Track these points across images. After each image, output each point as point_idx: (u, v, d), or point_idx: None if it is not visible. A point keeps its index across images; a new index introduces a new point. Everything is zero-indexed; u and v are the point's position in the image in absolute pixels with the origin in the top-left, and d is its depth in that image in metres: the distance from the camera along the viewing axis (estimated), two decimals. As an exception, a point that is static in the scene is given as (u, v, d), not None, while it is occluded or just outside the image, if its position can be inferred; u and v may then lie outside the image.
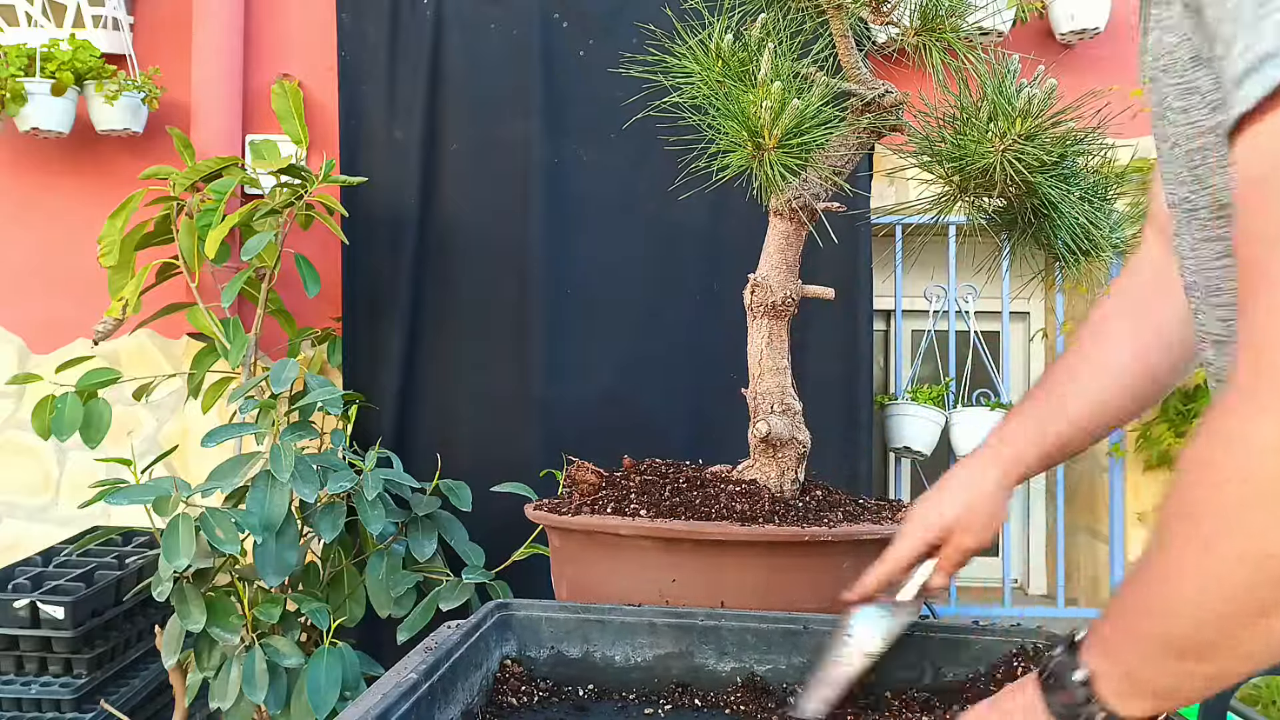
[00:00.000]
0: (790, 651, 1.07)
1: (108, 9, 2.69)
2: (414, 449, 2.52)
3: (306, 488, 1.92)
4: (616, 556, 1.26)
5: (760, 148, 1.23)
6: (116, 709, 2.13)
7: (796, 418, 1.42)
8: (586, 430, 2.45)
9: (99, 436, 2.27)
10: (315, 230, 2.55)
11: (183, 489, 1.88)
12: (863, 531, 1.25)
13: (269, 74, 2.75)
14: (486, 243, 2.59)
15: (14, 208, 2.81)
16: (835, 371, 2.55)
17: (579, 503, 1.35)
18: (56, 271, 2.79)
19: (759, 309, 1.42)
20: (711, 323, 2.51)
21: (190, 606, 1.94)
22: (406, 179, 2.58)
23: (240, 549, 1.85)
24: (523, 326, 2.55)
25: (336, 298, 2.63)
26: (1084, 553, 3.00)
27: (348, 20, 2.62)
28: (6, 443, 2.81)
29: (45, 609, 2.08)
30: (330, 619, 2.03)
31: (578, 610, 1.11)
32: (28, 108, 2.55)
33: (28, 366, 2.78)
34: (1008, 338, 2.84)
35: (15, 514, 2.80)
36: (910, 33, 1.35)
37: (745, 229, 1.88)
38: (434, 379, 2.59)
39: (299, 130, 2.54)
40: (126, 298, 2.35)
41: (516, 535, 2.18)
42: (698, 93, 1.32)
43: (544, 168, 2.55)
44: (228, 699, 1.93)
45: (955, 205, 1.40)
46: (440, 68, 2.59)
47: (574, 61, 2.58)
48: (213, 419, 2.60)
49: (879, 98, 1.36)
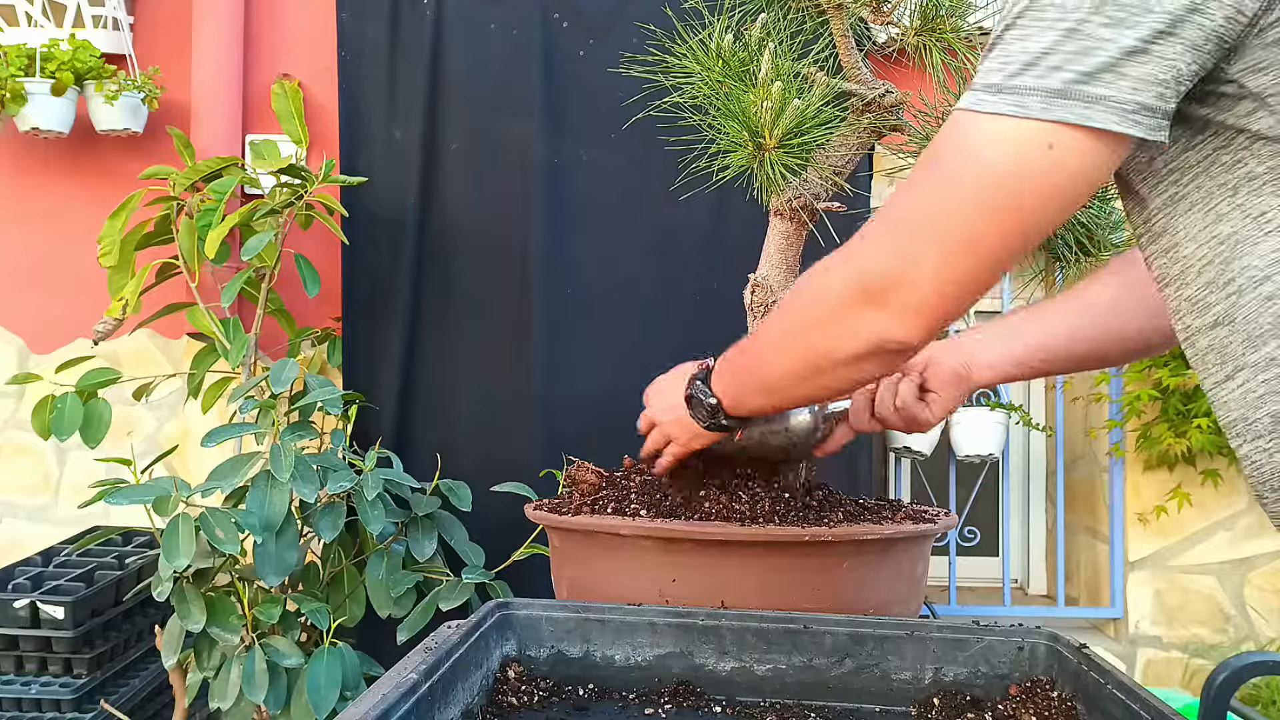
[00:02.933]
0: (790, 651, 1.07)
1: (108, 9, 2.69)
2: (414, 449, 2.52)
3: (306, 488, 1.92)
4: (616, 556, 1.26)
5: (761, 148, 1.23)
6: (116, 709, 2.13)
7: (796, 418, 1.42)
8: (586, 430, 2.45)
9: (99, 436, 2.27)
10: (315, 230, 2.55)
11: (183, 489, 1.88)
12: (863, 531, 1.25)
13: (269, 74, 2.74)
14: (486, 243, 2.59)
15: (14, 208, 2.80)
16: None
17: (579, 503, 1.35)
18: (56, 271, 2.79)
19: (759, 309, 1.42)
20: (711, 323, 2.51)
21: (190, 606, 1.94)
22: (406, 179, 2.58)
23: (240, 549, 1.85)
24: (523, 326, 2.55)
25: (336, 298, 2.63)
26: (1084, 553, 3.00)
27: (348, 20, 2.62)
28: (6, 443, 2.81)
29: (45, 609, 2.08)
30: (330, 619, 2.03)
31: (578, 610, 1.11)
32: (28, 108, 2.55)
33: (28, 366, 2.78)
34: (1008, 338, 2.83)
35: (15, 514, 2.80)
36: (910, 33, 1.35)
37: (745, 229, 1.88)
38: (434, 379, 2.59)
39: (299, 130, 2.54)
40: (126, 298, 2.35)
41: (516, 535, 2.18)
42: (698, 93, 1.32)
43: (544, 168, 2.55)
44: (228, 699, 1.93)
45: (955, 205, 1.40)
46: (440, 68, 2.59)
47: (574, 61, 2.58)
48: (213, 419, 2.60)
49: (879, 98, 1.36)
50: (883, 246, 0.82)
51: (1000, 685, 1.04)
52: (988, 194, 0.74)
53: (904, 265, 0.79)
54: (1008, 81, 0.71)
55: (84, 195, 2.77)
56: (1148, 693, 0.87)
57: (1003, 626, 1.07)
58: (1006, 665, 1.05)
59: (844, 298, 0.85)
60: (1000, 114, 0.71)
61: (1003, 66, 0.72)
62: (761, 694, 1.06)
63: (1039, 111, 0.70)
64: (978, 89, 0.74)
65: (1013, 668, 1.05)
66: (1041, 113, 0.70)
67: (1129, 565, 2.82)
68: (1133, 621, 2.81)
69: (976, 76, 0.74)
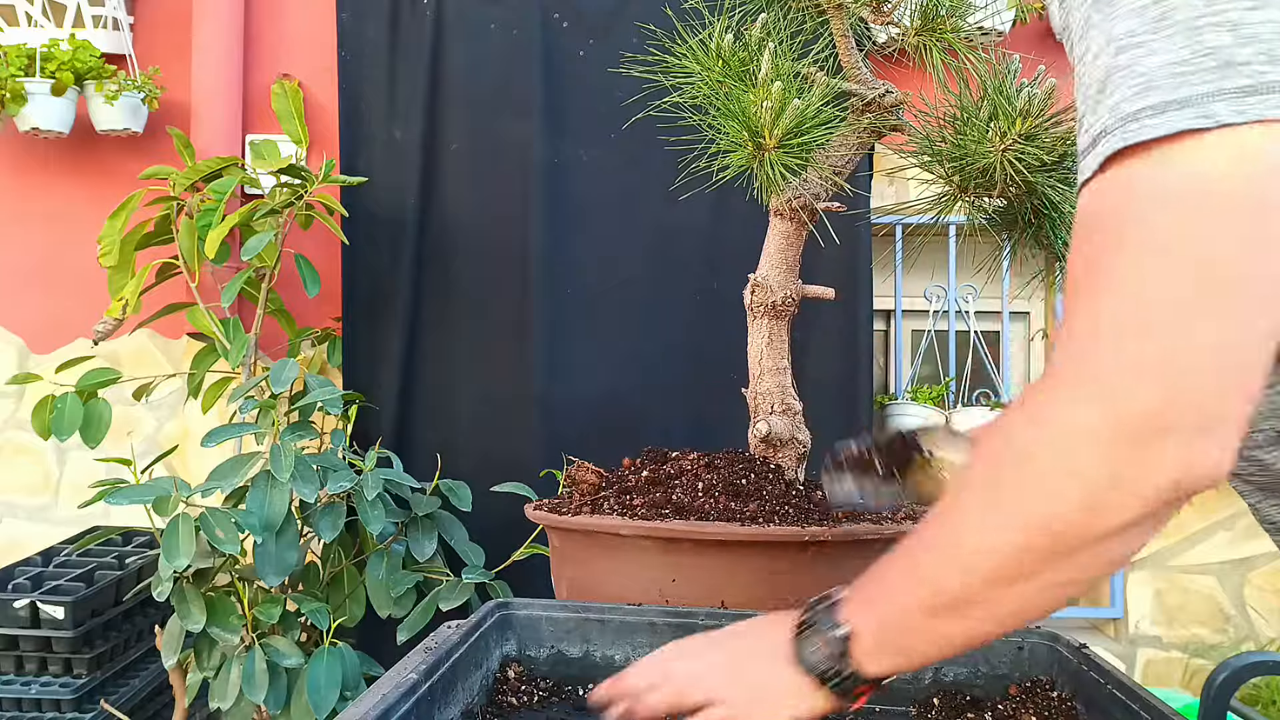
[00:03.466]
0: (790, 651, 1.07)
1: (108, 9, 2.69)
2: (414, 449, 2.52)
3: (306, 488, 1.92)
4: (616, 556, 1.26)
5: (760, 148, 1.23)
6: (116, 709, 2.13)
7: (796, 418, 1.42)
8: (586, 430, 2.45)
9: (99, 436, 2.27)
10: (315, 230, 2.55)
11: (183, 489, 1.88)
12: (863, 531, 1.25)
13: (269, 74, 2.74)
14: (486, 243, 2.59)
15: (14, 208, 2.80)
16: (835, 371, 2.55)
17: (579, 503, 1.35)
18: (56, 271, 2.79)
19: (759, 309, 1.42)
20: (711, 323, 2.51)
21: (190, 606, 1.94)
22: (406, 179, 2.58)
23: (240, 549, 1.85)
24: (523, 326, 2.55)
25: (336, 298, 2.63)
26: (1084, 553, 3.00)
27: (348, 20, 2.62)
28: (6, 443, 2.81)
29: (45, 609, 2.08)
30: (330, 619, 2.03)
31: (578, 610, 1.11)
32: (28, 108, 2.55)
33: (28, 366, 2.78)
34: (1008, 337, 2.84)
35: (15, 514, 2.80)
36: (910, 33, 1.35)
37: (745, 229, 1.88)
38: (434, 379, 2.59)
39: (299, 130, 2.54)
40: (126, 298, 2.35)
41: (516, 535, 2.18)
42: (698, 93, 1.32)
43: (544, 168, 2.55)
44: (228, 699, 1.93)
45: (955, 205, 1.40)
46: (440, 68, 2.60)
47: (574, 61, 2.58)
48: (213, 419, 2.60)
49: (879, 97, 1.36)
50: (1135, 368, 0.58)
51: (1000, 685, 1.04)
52: (1245, 225, 0.55)
53: (1178, 381, 0.57)
54: (1179, 94, 0.55)
55: (84, 195, 2.77)
56: (1148, 693, 0.87)
57: (1003, 626, 1.07)
58: (1006, 665, 1.05)
59: (1102, 442, 0.59)
60: (1201, 129, 0.55)
61: (1147, 86, 0.56)
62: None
63: (1232, 115, 0.54)
64: (1131, 118, 0.57)
65: (1012, 668, 1.05)
66: (1238, 115, 0.54)
67: (1129, 565, 2.82)
68: (1133, 621, 2.81)
69: (1101, 121, 0.59)
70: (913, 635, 0.70)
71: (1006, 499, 0.63)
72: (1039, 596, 0.64)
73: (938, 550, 0.68)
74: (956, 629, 0.68)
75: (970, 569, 0.65)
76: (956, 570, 0.66)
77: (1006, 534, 0.63)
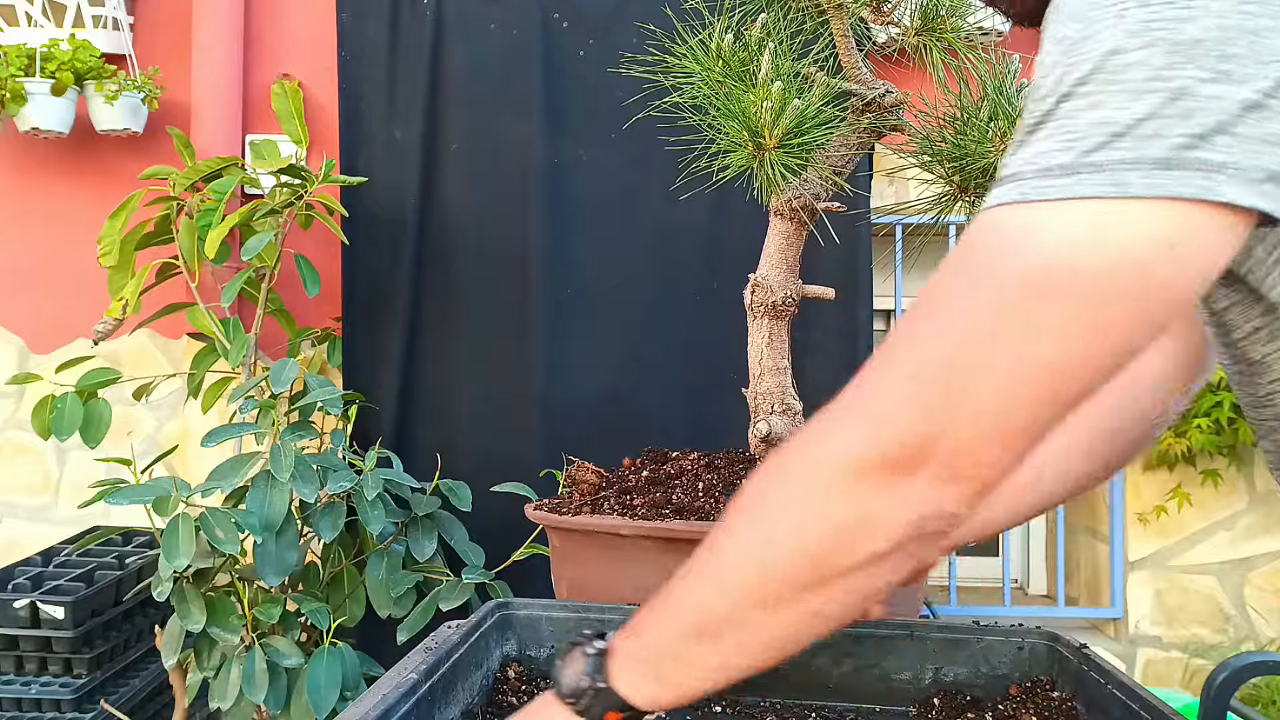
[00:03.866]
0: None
1: (108, 9, 2.69)
2: (414, 449, 2.52)
3: (306, 488, 1.92)
4: (616, 556, 1.26)
5: (760, 147, 1.23)
6: (116, 709, 2.13)
7: (797, 418, 1.42)
8: (586, 430, 2.45)
9: (99, 436, 2.27)
10: (315, 230, 2.55)
11: (183, 489, 1.88)
12: (863, 531, 1.25)
13: (269, 74, 2.74)
14: (486, 242, 2.59)
15: (14, 208, 2.80)
16: (835, 371, 2.55)
17: (579, 503, 1.35)
18: (56, 271, 2.79)
19: (759, 309, 1.42)
20: (711, 323, 2.51)
21: (190, 606, 1.94)
22: (406, 179, 2.58)
23: (240, 549, 1.85)
24: (523, 326, 2.55)
25: (336, 298, 2.63)
26: (1084, 553, 3.00)
27: (348, 20, 2.62)
28: (6, 443, 2.81)
29: (45, 609, 2.08)
30: (330, 619, 2.03)
31: (578, 610, 1.11)
32: (28, 108, 2.55)
33: (28, 366, 2.78)
34: (1008, 338, 2.83)
35: (15, 514, 2.80)
36: (910, 33, 1.35)
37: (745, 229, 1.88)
38: (434, 379, 2.59)
39: (299, 130, 2.54)
40: (126, 298, 2.35)
41: (516, 535, 2.18)
42: (698, 93, 1.32)
43: (544, 168, 2.55)
44: (228, 699, 1.93)
45: (955, 205, 1.40)
46: (440, 68, 2.59)
47: (574, 61, 2.58)
48: (213, 419, 2.60)
49: (879, 97, 1.36)
50: (908, 397, 0.59)
51: (1000, 685, 1.04)
52: (1071, 306, 0.55)
53: (946, 417, 0.58)
54: (1085, 158, 0.54)
55: (84, 195, 2.77)
56: (1148, 693, 0.87)
57: (1003, 626, 1.07)
58: (1006, 665, 1.05)
59: (857, 469, 0.60)
60: (1082, 198, 0.54)
61: (1070, 144, 0.55)
62: (761, 694, 1.06)
63: (1143, 188, 0.53)
64: (1029, 176, 0.56)
65: (1013, 668, 1.05)
66: (1147, 189, 0.53)
67: (1129, 565, 2.82)
68: (1133, 621, 2.81)
69: (1013, 167, 0.58)
70: (669, 659, 0.68)
71: (768, 520, 0.64)
72: (795, 625, 0.64)
73: (701, 567, 0.67)
74: (712, 655, 0.66)
75: (728, 588, 0.64)
76: (715, 589, 0.65)
77: (765, 556, 0.63)
